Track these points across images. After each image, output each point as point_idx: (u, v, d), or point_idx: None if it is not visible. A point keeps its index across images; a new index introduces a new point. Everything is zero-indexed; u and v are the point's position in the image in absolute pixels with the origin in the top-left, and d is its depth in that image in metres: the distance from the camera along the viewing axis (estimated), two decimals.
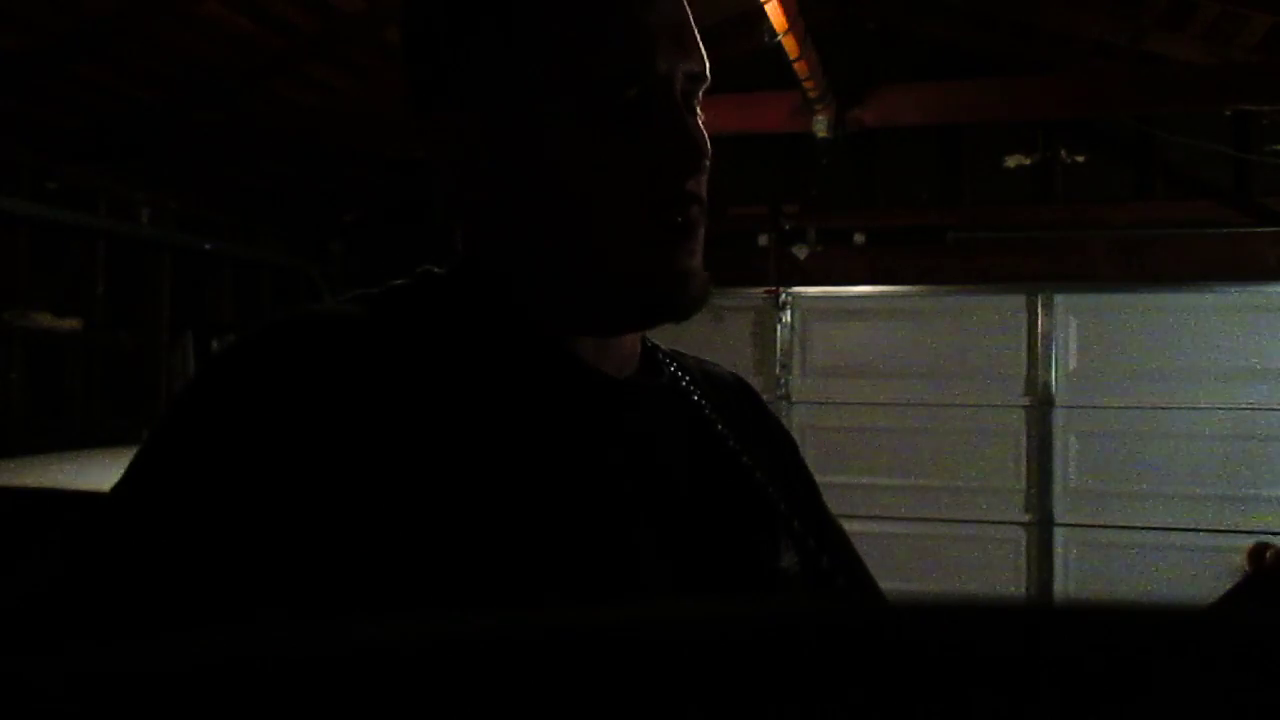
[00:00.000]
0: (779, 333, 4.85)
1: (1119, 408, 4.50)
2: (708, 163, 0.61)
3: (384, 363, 0.55)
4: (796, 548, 0.69)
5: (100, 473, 1.73)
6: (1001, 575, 4.62)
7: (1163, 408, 4.43)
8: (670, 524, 0.61)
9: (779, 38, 3.21)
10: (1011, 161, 4.80)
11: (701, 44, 0.64)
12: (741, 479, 0.68)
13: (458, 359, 0.58)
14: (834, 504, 0.82)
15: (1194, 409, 4.38)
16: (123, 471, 0.53)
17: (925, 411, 4.68)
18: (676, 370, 0.71)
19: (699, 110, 0.62)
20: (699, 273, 0.61)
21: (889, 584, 0.93)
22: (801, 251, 4.84)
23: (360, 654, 0.17)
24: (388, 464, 0.51)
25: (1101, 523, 4.52)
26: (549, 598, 0.52)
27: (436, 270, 0.65)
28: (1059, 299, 4.60)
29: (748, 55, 4.22)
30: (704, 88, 0.63)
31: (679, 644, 0.18)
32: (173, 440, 0.53)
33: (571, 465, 0.58)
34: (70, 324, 3.97)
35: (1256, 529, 4.16)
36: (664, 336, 0.71)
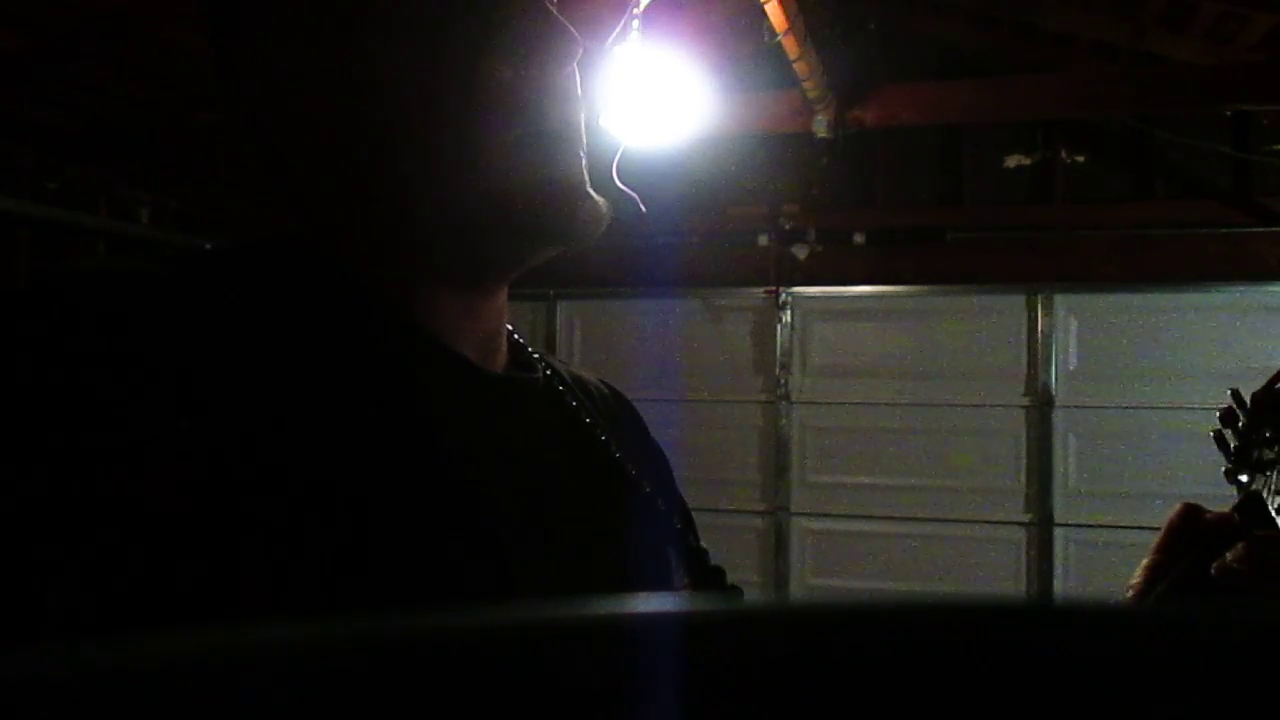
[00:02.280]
0: (779, 333, 4.85)
1: (1119, 408, 4.50)
2: (578, 52, 0.53)
3: (196, 327, 0.45)
4: (688, 564, 0.64)
5: None
6: (1001, 575, 4.61)
7: (1163, 408, 4.43)
8: (543, 532, 0.53)
9: (779, 38, 3.22)
10: (1011, 161, 4.79)
11: None
12: (626, 488, 0.61)
13: (289, 330, 0.48)
14: (834, 504, 0.82)
15: (1194, 409, 4.38)
16: None
17: (925, 411, 4.68)
18: (548, 369, 0.63)
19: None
20: (588, 193, 0.53)
21: (889, 584, 0.93)
22: (801, 251, 4.84)
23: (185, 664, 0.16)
24: (207, 447, 0.42)
25: (1101, 523, 4.52)
26: (411, 605, 0.43)
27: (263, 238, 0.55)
28: (1059, 299, 4.59)
29: (748, 55, 4.23)
30: None
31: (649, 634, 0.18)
32: None
33: (429, 462, 0.49)
34: None
35: None
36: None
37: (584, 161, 0.54)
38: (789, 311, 4.85)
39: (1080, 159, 4.73)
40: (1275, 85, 3.72)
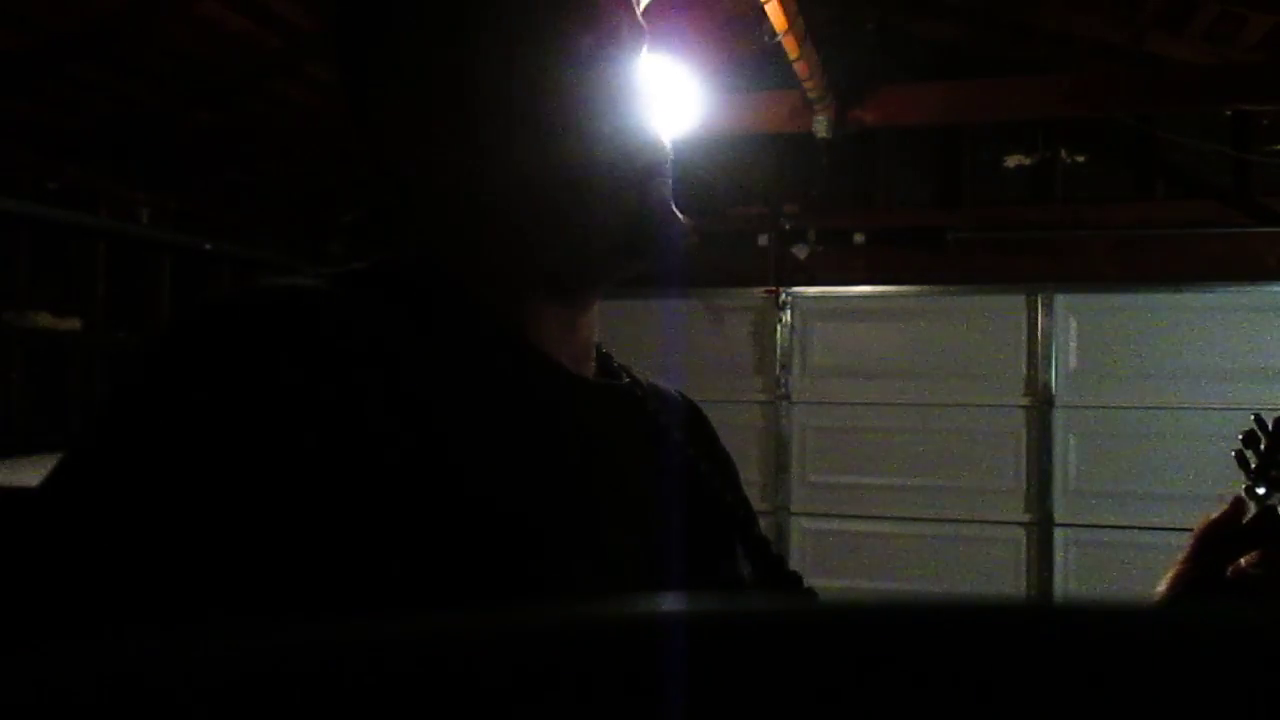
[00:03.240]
0: (779, 333, 4.85)
1: (1119, 408, 4.51)
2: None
3: (350, 341, 0.50)
4: (752, 559, 0.68)
5: None
6: (1001, 575, 4.62)
7: (1163, 408, 4.43)
8: (631, 528, 0.58)
9: (779, 38, 3.22)
10: (1011, 161, 4.80)
11: None
12: (698, 487, 0.67)
13: (424, 347, 0.54)
14: (834, 504, 0.83)
15: (1194, 409, 4.39)
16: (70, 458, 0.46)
17: (925, 411, 4.69)
18: (628, 378, 0.69)
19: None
20: (676, 213, 0.61)
21: (889, 584, 0.93)
22: (801, 251, 4.84)
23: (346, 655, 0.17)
24: (356, 451, 0.46)
25: (1101, 523, 4.52)
26: (526, 595, 0.49)
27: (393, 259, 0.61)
28: (1059, 299, 4.60)
29: (748, 55, 4.23)
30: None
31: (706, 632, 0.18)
32: (135, 413, 0.46)
33: (538, 457, 0.55)
34: (70, 324, 3.97)
35: None
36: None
37: (670, 181, 0.61)
38: (789, 311, 4.85)
39: (1080, 159, 4.74)
40: (1275, 85, 3.73)
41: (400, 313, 0.54)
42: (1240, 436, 0.91)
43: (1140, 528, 4.45)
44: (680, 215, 0.61)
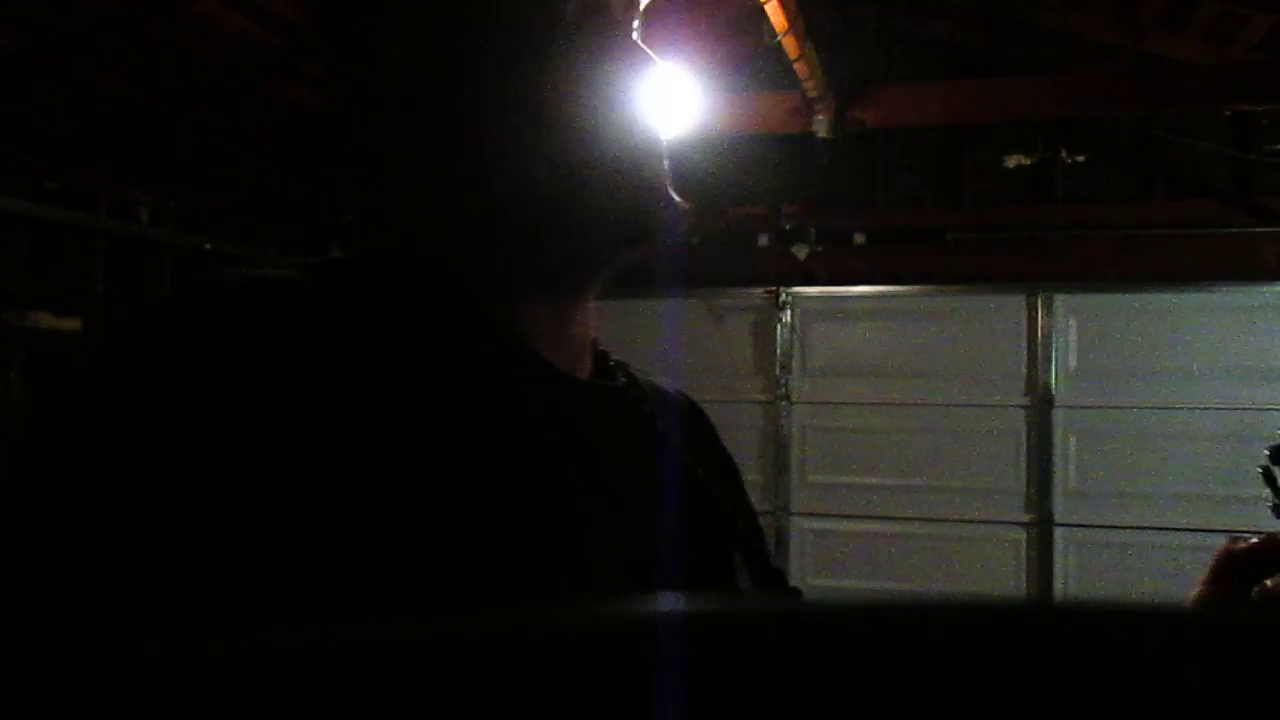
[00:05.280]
0: (779, 333, 4.85)
1: (1119, 408, 4.51)
2: (655, 71, 0.59)
3: (315, 333, 0.48)
4: (751, 568, 0.66)
5: None
6: (1001, 575, 4.62)
7: (1163, 408, 4.43)
8: (623, 535, 0.56)
9: (779, 38, 3.22)
10: (1011, 161, 4.80)
11: None
12: (696, 494, 0.65)
13: (407, 343, 0.52)
14: (834, 504, 0.83)
15: (1194, 409, 4.39)
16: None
17: (925, 411, 4.69)
18: (626, 377, 0.67)
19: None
20: (673, 196, 0.59)
21: (889, 584, 0.93)
22: (801, 251, 4.84)
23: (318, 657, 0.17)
24: (333, 447, 0.44)
25: (1101, 523, 4.52)
26: (499, 600, 0.47)
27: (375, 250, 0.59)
28: (1059, 299, 4.60)
29: (748, 55, 4.23)
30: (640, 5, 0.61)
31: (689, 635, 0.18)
32: (100, 408, 0.44)
33: (520, 465, 0.52)
34: (70, 324, 3.97)
35: (1256, 529, 4.16)
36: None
37: (666, 168, 0.59)
38: (789, 311, 4.85)
39: (1080, 159, 4.74)
40: (1275, 85, 3.73)
41: (376, 306, 0.52)
42: (1267, 452, 0.88)
43: (1140, 528, 4.45)
44: (678, 200, 0.59)
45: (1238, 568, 0.81)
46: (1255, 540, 0.82)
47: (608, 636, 0.18)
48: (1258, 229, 4.43)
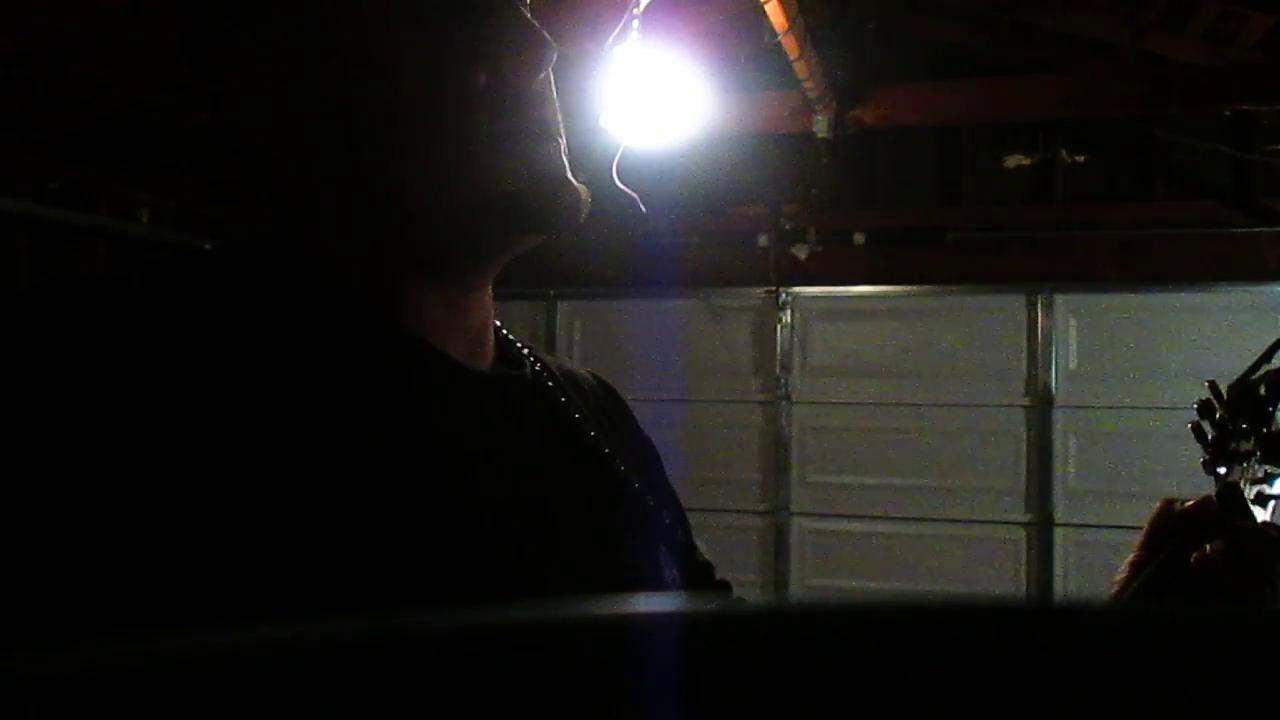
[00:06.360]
0: (779, 333, 4.85)
1: (1119, 408, 4.50)
2: (553, 56, 0.54)
3: (188, 333, 0.45)
4: (675, 560, 0.64)
5: None
6: (1001, 575, 4.61)
7: (1163, 408, 4.43)
8: (538, 534, 0.53)
9: (779, 38, 3.22)
10: (1011, 161, 4.79)
11: None
12: (616, 486, 0.61)
13: (274, 334, 0.49)
14: (834, 504, 0.82)
15: (1194, 409, 4.38)
16: None
17: (925, 411, 4.68)
18: (537, 364, 0.63)
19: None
20: (569, 181, 0.55)
21: (890, 584, 0.93)
22: (801, 251, 4.84)
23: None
24: (196, 451, 0.42)
25: (1101, 523, 4.52)
26: (409, 603, 0.44)
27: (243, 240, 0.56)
28: (1059, 299, 4.59)
29: (748, 55, 4.23)
30: None
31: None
32: None
33: (417, 464, 0.49)
34: None
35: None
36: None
37: (563, 153, 0.55)
38: (789, 311, 4.85)
39: (1080, 159, 4.73)
40: (1275, 85, 3.72)
41: (239, 298, 0.49)
42: (1194, 406, 0.88)
43: (1140, 528, 4.44)
44: (575, 183, 0.55)
45: (1175, 530, 0.80)
46: (1192, 502, 0.82)
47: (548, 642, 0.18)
48: (1258, 229, 4.43)
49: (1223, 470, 0.81)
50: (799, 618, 0.19)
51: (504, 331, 0.62)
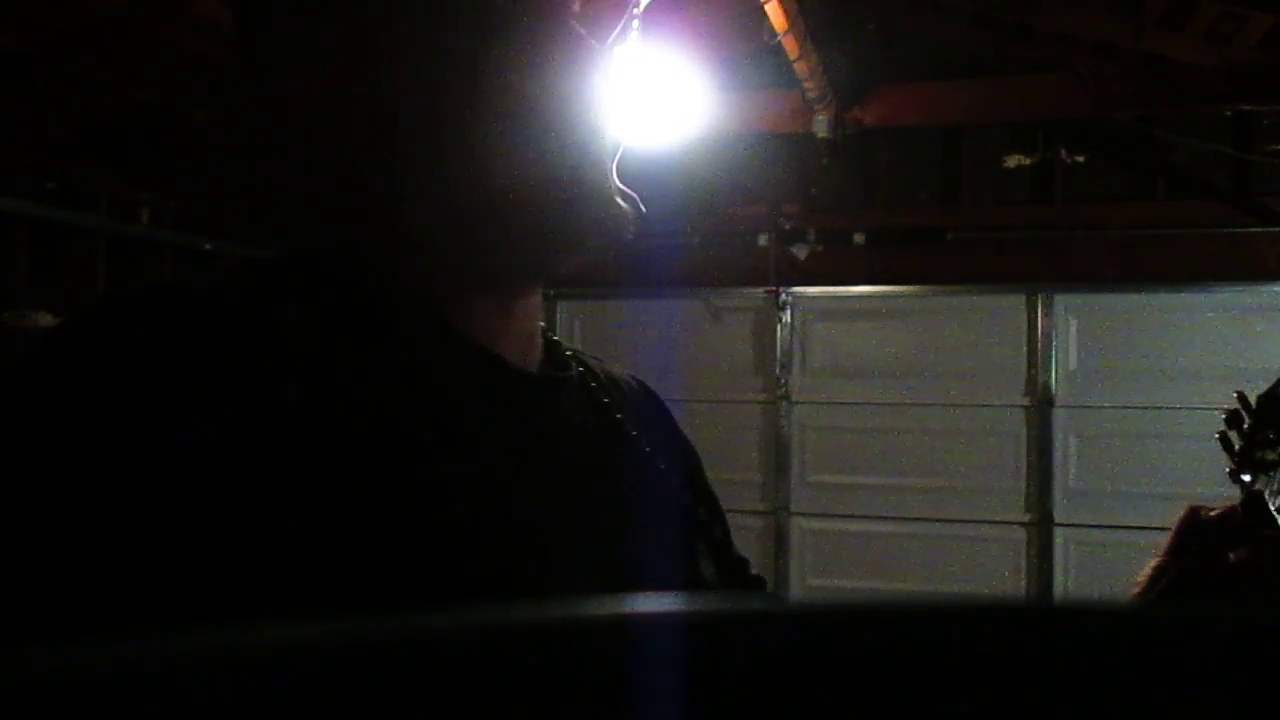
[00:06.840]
0: (779, 333, 4.85)
1: (1119, 408, 4.50)
2: (602, 66, 0.56)
3: (259, 342, 0.47)
4: (715, 559, 0.65)
5: None
6: (1001, 575, 4.61)
7: (1163, 408, 4.43)
8: (583, 531, 0.55)
9: (779, 38, 3.22)
10: (1011, 161, 4.79)
11: None
12: (657, 486, 0.63)
13: (335, 341, 0.50)
14: (834, 504, 0.82)
15: (1194, 409, 4.38)
16: None
17: (925, 411, 4.68)
18: (581, 367, 0.65)
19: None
20: (611, 200, 0.57)
21: (891, 584, 0.93)
22: (801, 251, 4.84)
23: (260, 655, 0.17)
24: (269, 457, 0.44)
25: (1101, 523, 4.52)
26: (463, 601, 0.46)
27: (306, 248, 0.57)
28: (1059, 299, 4.59)
29: (748, 55, 4.23)
30: None
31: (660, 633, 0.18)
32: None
33: (470, 464, 0.51)
34: None
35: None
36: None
37: (611, 168, 0.57)
38: (789, 311, 4.85)
39: (1080, 159, 4.73)
40: (1275, 85, 3.72)
41: (312, 306, 0.51)
42: (1223, 416, 0.88)
43: (1140, 528, 4.44)
44: (625, 204, 0.57)
45: (1201, 537, 0.80)
46: (1218, 510, 0.82)
47: (575, 637, 0.18)
48: (1258, 229, 4.42)
49: (1248, 479, 0.81)
50: (799, 618, 0.19)
51: (551, 335, 0.65)
